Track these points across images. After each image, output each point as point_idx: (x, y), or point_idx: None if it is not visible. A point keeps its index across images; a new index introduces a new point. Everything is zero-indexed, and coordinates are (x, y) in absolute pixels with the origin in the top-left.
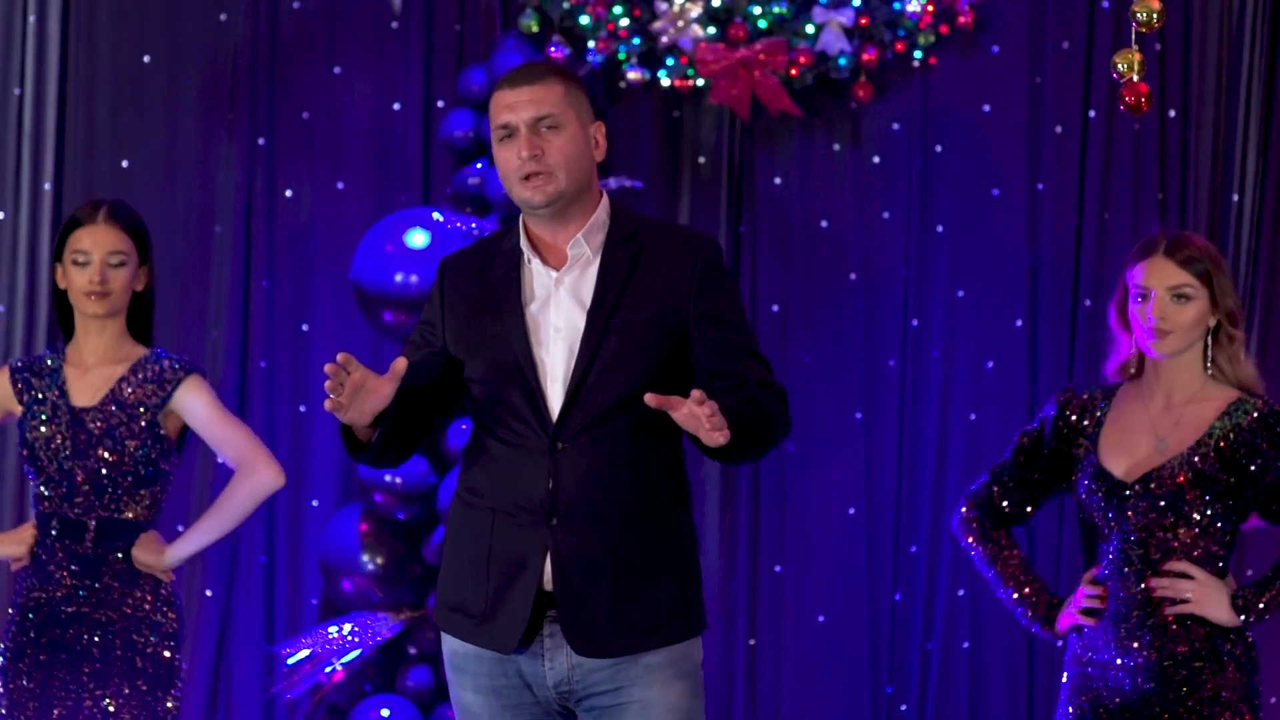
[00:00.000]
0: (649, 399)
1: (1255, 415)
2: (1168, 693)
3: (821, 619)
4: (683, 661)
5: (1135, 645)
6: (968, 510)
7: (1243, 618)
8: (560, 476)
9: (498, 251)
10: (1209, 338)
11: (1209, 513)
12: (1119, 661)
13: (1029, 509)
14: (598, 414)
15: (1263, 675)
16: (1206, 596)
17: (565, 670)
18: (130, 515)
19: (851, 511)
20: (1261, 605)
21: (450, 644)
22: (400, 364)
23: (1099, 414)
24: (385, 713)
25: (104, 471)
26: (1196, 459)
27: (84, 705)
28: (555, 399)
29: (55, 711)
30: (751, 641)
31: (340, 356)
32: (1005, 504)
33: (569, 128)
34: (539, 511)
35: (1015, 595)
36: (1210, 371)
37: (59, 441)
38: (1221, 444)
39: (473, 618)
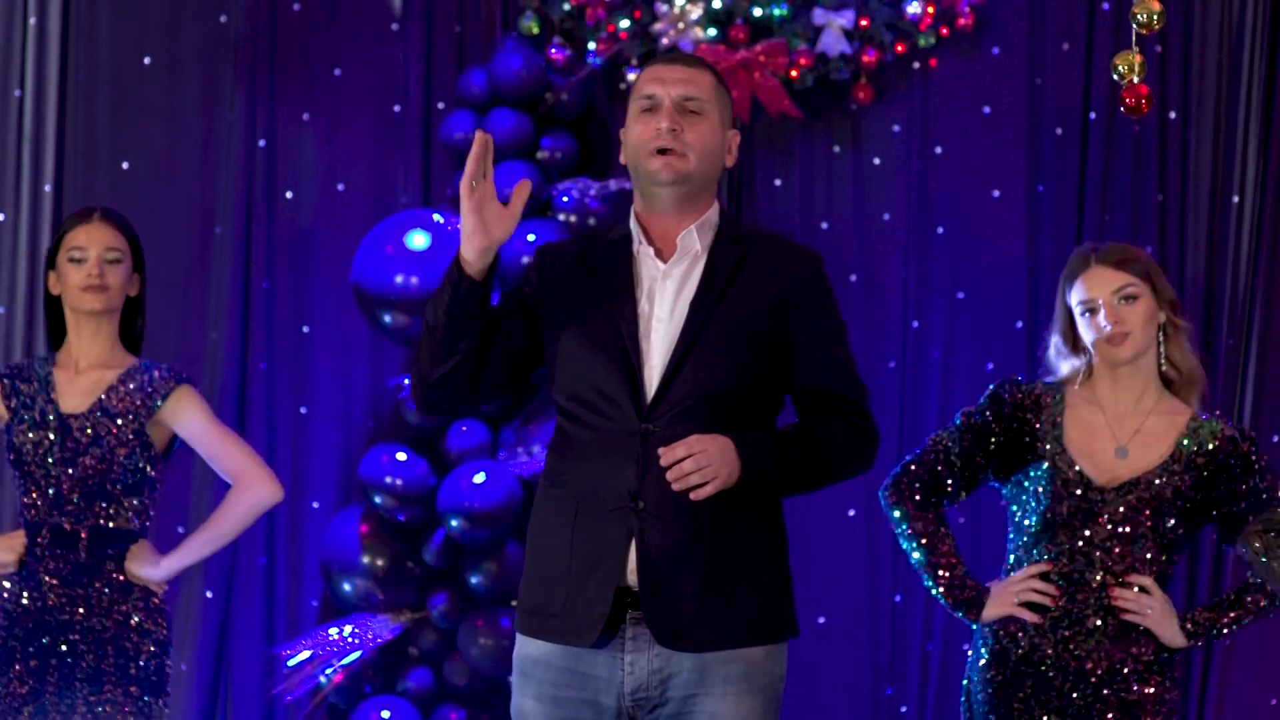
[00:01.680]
0: (664, 457)
1: (1223, 437)
2: (1117, 696)
3: (822, 620)
4: (761, 675)
5: (1086, 649)
6: (905, 479)
7: (1190, 640)
8: (649, 462)
9: (604, 240)
10: (1161, 334)
11: (1174, 527)
12: (1061, 659)
13: (965, 491)
14: (692, 400)
15: (1263, 676)
16: (1162, 616)
17: (645, 674)
18: (121, 524)
19: (851, 513)
20: (1212, 632)
21: (524, 648)
22: (525, 184)
23: (1057, 410)
24: (385, 714)
25: (93, 479)
26: (1174, 476)
27: (78, 711)
28: (652, 382)
29: (51, 717)
30: None
31: (482, 135)
32: (949, 481)
33: (711, 118)
34: (627, 497)
35: (944, 575)
36: (1164, 367)
37: (46, 447)
38: (1196, 461)
39: (553, 615)
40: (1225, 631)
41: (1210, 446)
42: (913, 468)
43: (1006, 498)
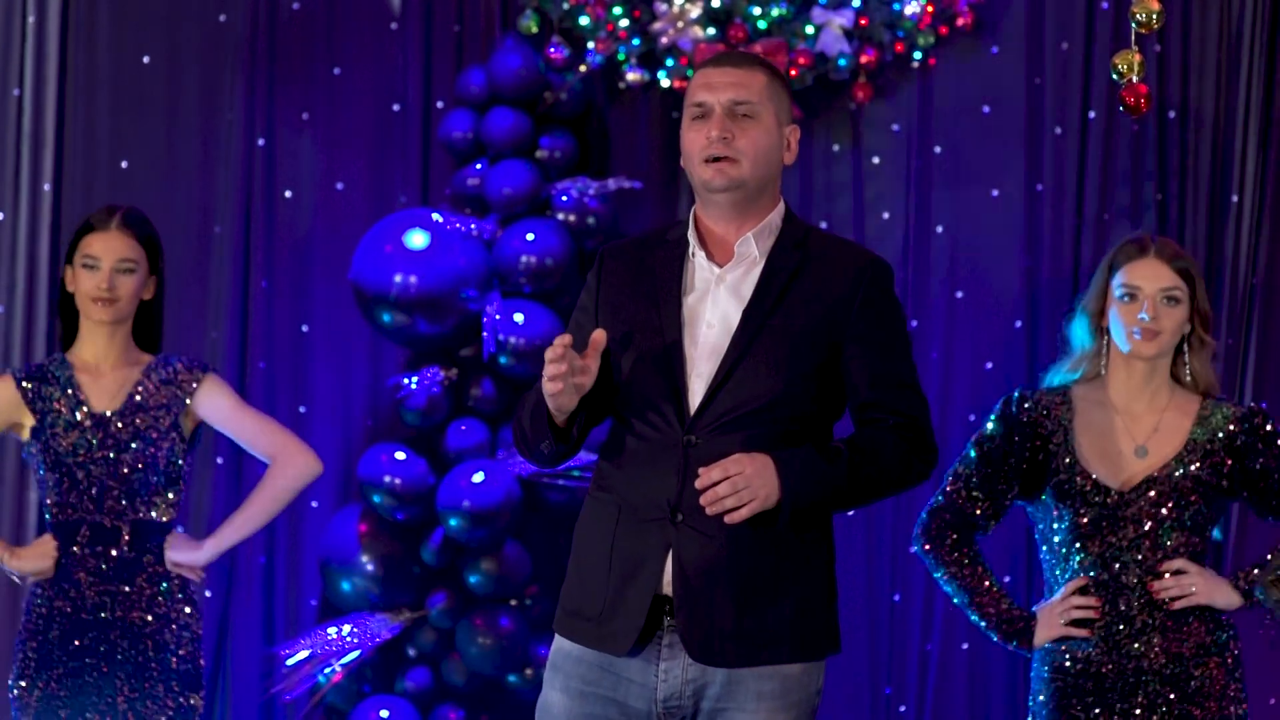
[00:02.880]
0: (702, 479)
1: (1236, 418)
2: (1180, 688)
3: None
4: (796, 691)
5: (1138, 647)
6: (934, 525)
7: (1246, 600)
8: (689, 474)
9: (662, 241)
10: (1184, 342)
11: (1198, 512)
12: (1118, 664)
13: (994, 520)
14: (737, 413)
15: (1263, 675)
16: (1208, 586)
17: (679, 684)
18: (160, 515)
19: (850, 513)
20: (1268, 579)
21: (560, 644)
22: (600, 335)
23: (1066, 418)
24: (384, 714)
25: (137, 475)
26: (1194, 466)
27: (119, 708)
28: (697, 394)
29: (89, 716)
30: None
31: (563, 340)
32: (976, 514)
33: (765, 120)
34: (665, 508)
35: (991, 613)
36: (1186, 378)
37: (86, 447)
38: (1209, 447)
39: (589, 620)
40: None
41: (1226, 430)
42: (938, 510)
43: (1031, 518)
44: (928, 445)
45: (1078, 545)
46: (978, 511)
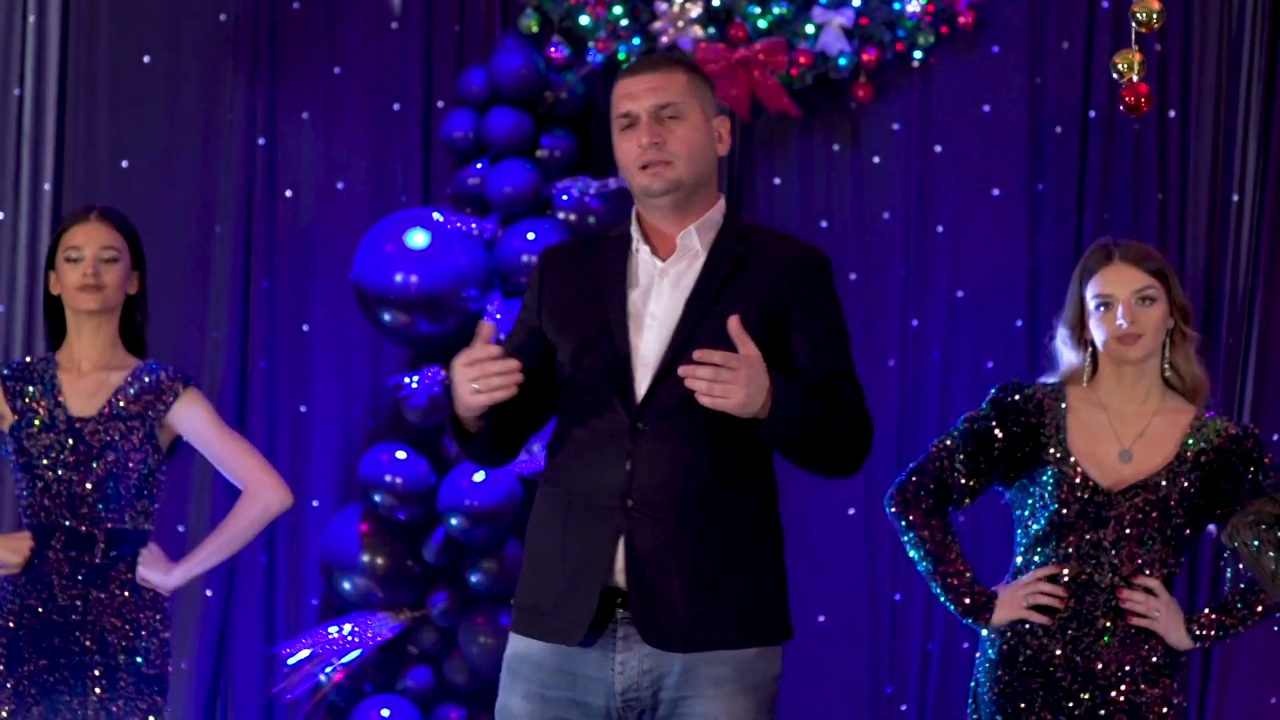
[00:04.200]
0: (731, 323)
1: (1227, 435)
2: (1124, 699)
3: (821, 619)
4: (752, 675)
5: (1095, 651)
6: (910, 488)
7: (1197, 645)
8: (638, 460)
9: (605, 240)
10: (1168, 339)
11: (1181, 527)
12: (1070, 660)
13: (970, 497)
14: (682, 400)
15: (1263, 675)
16: (1169, 618)
17: (636, 674)
18: (133, 525)
19: (851, 512)
20: (1213, 634)
21: (514, 646)
22: (486, 326)
23: (1060, 414)
24: (385, 713)
25: (108, 482)
26: (1180, 477)
27: (90, 707)
28: (643, 382)
29: (63, 716)
30: None
31: (487, 327)
32: (951, 488)
33: (691, 117)
34: (616, 496)
35: (953, 583)
36: (1168, 373)
37: (58, 450)
38: (1201, 461)
39: (544, 613)
40: (1232, 634)
41: (1214, 444)
42: (916, 475)
43: (1010, 501)
44: (870, 429)
45: (1056, 537)
46: (953, 486)
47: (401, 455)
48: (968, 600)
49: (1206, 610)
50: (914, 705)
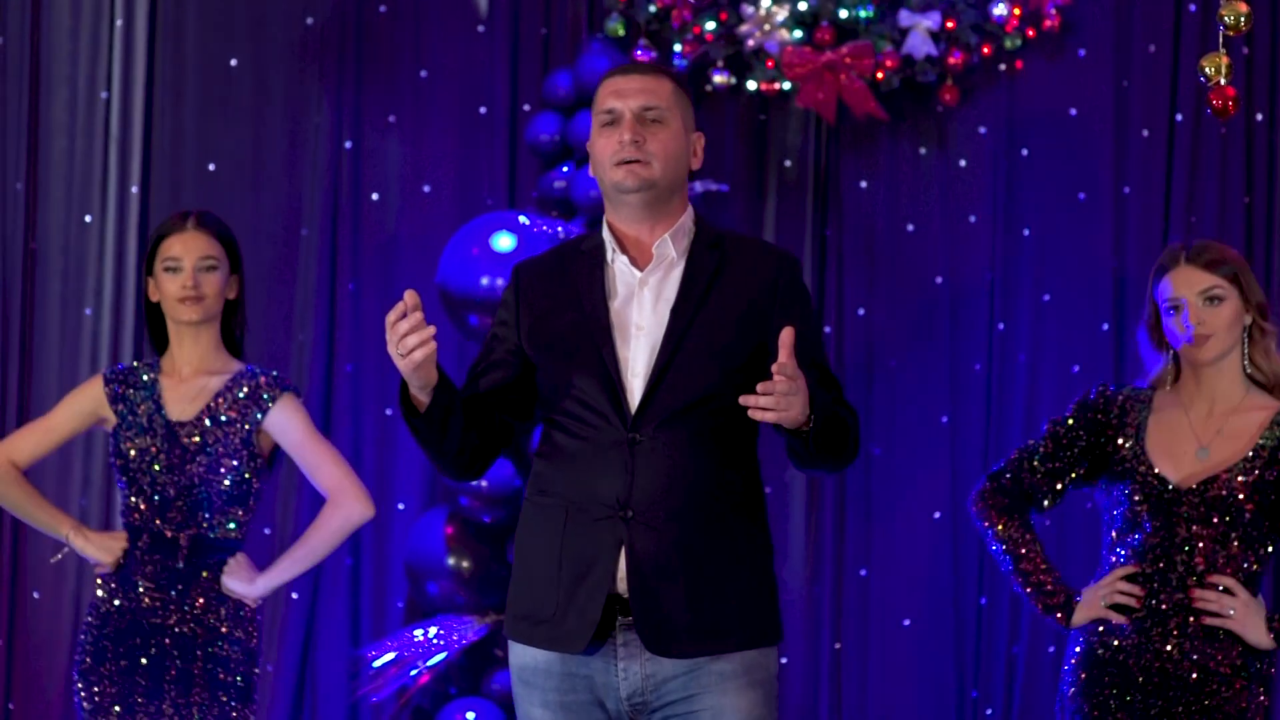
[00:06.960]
0: (785, 334)
1: None
2: (1201, 699)
3: (907, 623)
4: (756, 671)
5: (1169, 649)
6: (991, 489)
7: (1277, 643)
8: (637, 470)
9: (576, 252)
10: (1245, 336)
11: (1258, 526)
12: (1145, 659)
13: (1051, 499)
14: (676, 409)
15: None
16: (1247, 617)
17: (639, 680)
18: (223, 534)
19: (937, 515)
20: None
21: (519, 657)
22: (409, 295)
23: (1142, 415)
24: (471, 715)
25: (198, 488)
26: (1255, 471)
27: (165, 713)
28: (635, 392)
29: (139, 717)
30: (837, 645)
31: (410, 297)
32: (1032, 488)
33: (673, 125)
34: (614, 506)
35: (1035, 581)
36: (1249, 370)
37: (153, 454)
38: (1275, 455)
39: (543, 622)
40: None
41: None
42: (999, 477)
43: (1097, 503)
44: (857, 423)
45: (1131, 535)
46: (1038, 483)
47: None
48: (1050, 599)
49: None
50: (1000, 709)
